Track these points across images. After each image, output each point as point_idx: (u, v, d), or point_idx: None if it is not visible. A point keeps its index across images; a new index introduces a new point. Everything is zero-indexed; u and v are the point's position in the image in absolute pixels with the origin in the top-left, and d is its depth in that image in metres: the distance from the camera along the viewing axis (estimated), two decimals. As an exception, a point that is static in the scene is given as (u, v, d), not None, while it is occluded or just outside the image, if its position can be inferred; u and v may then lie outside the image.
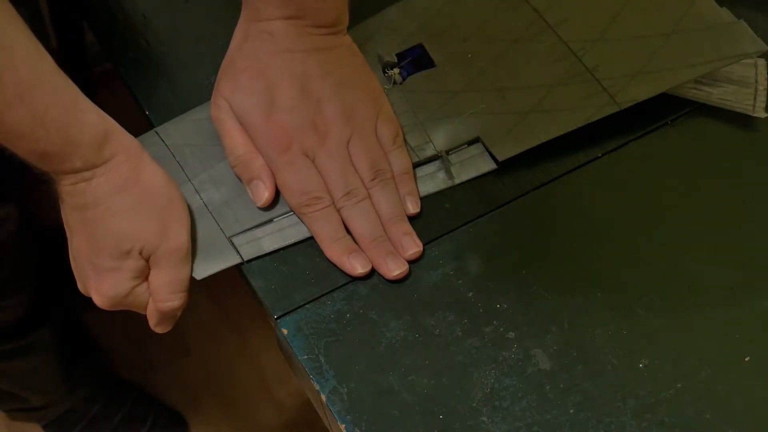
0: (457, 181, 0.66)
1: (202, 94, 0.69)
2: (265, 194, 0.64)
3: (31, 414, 1.25)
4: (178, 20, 0.74)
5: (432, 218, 0.66)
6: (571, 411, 0.58)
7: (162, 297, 0.62)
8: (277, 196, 0.65)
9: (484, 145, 0.67)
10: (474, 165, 0.66)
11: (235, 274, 0.65)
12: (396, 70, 0.69)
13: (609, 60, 0.68)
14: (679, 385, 0.59)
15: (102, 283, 0.61)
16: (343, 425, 0.58)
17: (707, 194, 0.66)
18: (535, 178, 0.67)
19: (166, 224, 0.61)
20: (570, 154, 0.68)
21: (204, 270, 0.63)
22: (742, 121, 0.69)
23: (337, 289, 0.63)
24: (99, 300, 0.62)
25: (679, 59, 0.67)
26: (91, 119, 0.58)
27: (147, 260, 0.61)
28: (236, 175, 0.65)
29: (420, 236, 0.65)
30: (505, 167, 0.67)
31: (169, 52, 0.73)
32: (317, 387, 0.59)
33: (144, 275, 0.62)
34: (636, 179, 0.67)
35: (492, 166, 0.66)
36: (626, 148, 0.68)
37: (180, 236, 0.61)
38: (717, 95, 0.67)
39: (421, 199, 0.66)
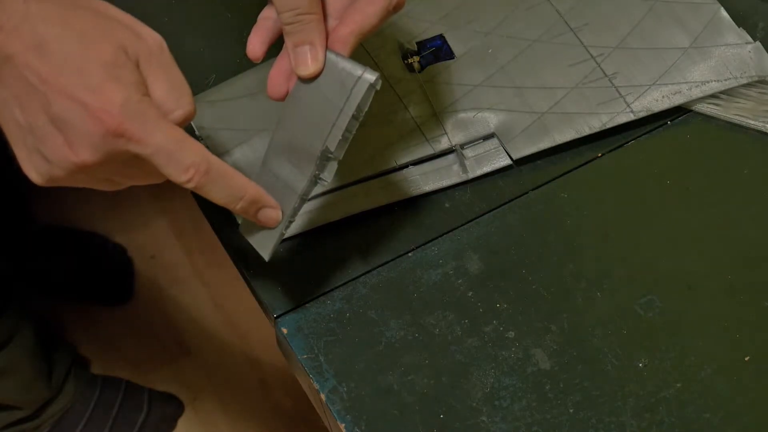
0: (471, 175, 0.66)
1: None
2: (311, 67, 0.53)
3: (27, 426, 1.24)
4: (176, 20, 0.74)
5: (432, 218, 0.66)
6: (571, 410, 0.58)
7: (172, 104, 0.51)
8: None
9: (500, 142, 0.67)
10: (489, 160, 0.67)
11: (235, 274, 0.65)
12: (416, 59, 0.69)
13: (627, 68, 0.68)
14: (679, 385, 0.59)
15: (110, 91, 0.48)
16: (343, 425, 0.58)
17: (707, 194, 0.66)
18: (535, 178, 0.67)
19: (132, 24, 0.51)
20: (570, 154, 0.68)
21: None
22: (742, 121, 0.69)
23: (336, 288, 0.63)
24: (106, 112, 0.48)
25: (695, 74, 0.68)
26: None
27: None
28: (285, 34, 0.53)
29: (420, 236, 0.65)
30: (505, 167, 0.67)
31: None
32: (317, 386, 0.59)
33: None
34: (636, 179, 0.67)
35: (506, 162, 0.66)
36: (626, 148, 0.68)
37: (152, 32, 0.51)
38: (734, 111, 0.68)
39: (424, 196, 0.66)
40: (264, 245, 0.57)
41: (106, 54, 0.49)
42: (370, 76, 0.51)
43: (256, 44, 0.56)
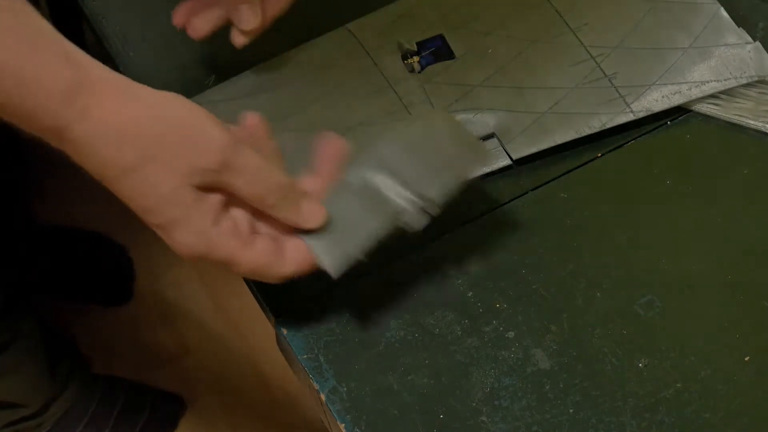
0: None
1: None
2: (252, 22, 0.63)
3: (29, 424, 1.24)
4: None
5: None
6: (571, 411, 0.58)
7: (266, 174, 0.52)
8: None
9: (500, 142, 0.67)
10: (488, 160, 0.67)
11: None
12: (415, 59, 0.70)
13: (627, 68, 0.68)
14: (679, 385, 0.59)
15: (174, 238, 0.51)
16: (343, 425, 0.58)
17: (707, 194, 0.66)
18: (534, 178, 0.67)
19: (194, 139, 0.50)
20: (569, 154, 0.68)
21: None
22: (742, 121, 0.69)
23: (336, 288, 0.63)
24: (181, 255, 0.52)
25: (695, 74, 0.68)
26: (54, 64, 0.48)
27: (211, 189, 0.51)
28: None
29: (420, 236, 0.65)
30: (505, 167, 0.67)
31: (169, 52, 0.73)
32: (317, 386, 0.59)
33: (220, 206, 0.52)
34: (636, 179, 0.67)
35: (506, 162, 0.66)
36: (625, 148, 0.68)
37: (221, 134, 0.51)
38: (734, 111, 0.68)
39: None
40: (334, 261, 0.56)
41: (165, 187, 0.50)
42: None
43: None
